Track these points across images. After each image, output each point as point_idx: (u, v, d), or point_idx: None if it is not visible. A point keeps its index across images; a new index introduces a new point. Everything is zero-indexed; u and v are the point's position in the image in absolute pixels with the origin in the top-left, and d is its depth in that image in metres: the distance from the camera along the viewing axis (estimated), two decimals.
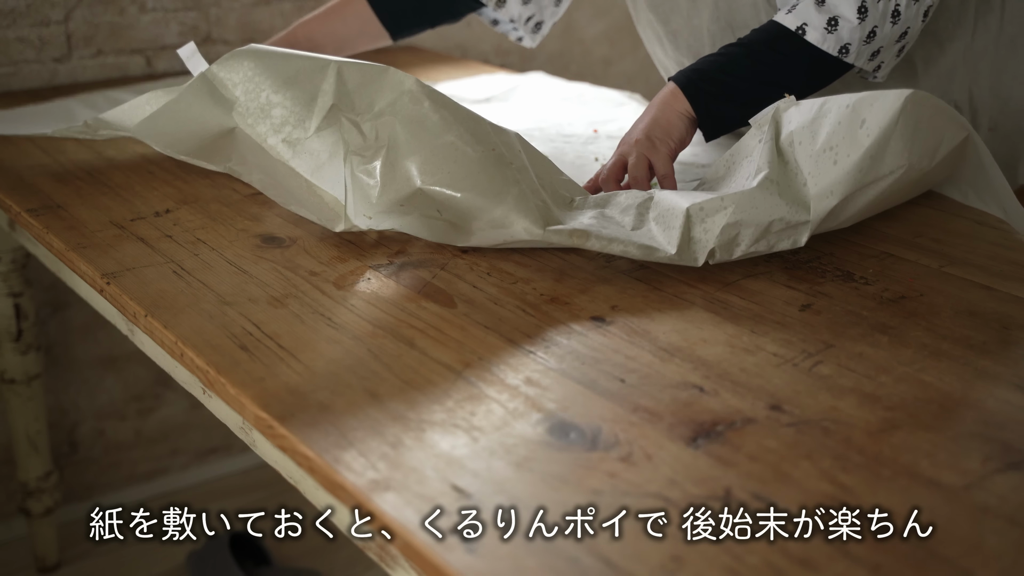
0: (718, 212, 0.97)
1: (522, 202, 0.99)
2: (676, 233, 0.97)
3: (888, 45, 1.16)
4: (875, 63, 1.18)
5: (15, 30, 1.70)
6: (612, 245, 0.97)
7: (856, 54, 1.15)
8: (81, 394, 1.90)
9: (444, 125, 1.01)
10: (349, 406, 0.79)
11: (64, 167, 1.31)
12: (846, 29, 1.13)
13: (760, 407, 0.79)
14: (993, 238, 1.12)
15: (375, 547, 0.73)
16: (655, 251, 0.97)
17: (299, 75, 1.01)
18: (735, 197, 0.97)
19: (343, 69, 1.01)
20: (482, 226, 1.01)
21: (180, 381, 0.98)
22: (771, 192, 0.98)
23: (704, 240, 0.97)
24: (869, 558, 0.64)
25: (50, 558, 1.79)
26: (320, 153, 1.02)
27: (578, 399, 0.80)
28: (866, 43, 1.14)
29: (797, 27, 1.14)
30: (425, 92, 1.02)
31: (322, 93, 1.01)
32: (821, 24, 1.13)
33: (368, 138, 1.02)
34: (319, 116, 1.01)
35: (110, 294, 0.99)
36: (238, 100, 1.02)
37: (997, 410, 0.79)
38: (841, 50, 1.14)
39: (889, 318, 0.93)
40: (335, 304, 0.95)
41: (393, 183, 1.02)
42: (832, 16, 1.12)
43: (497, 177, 1.00)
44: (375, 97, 1.02)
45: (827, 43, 1.14)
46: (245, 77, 1.02)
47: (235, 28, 1.89)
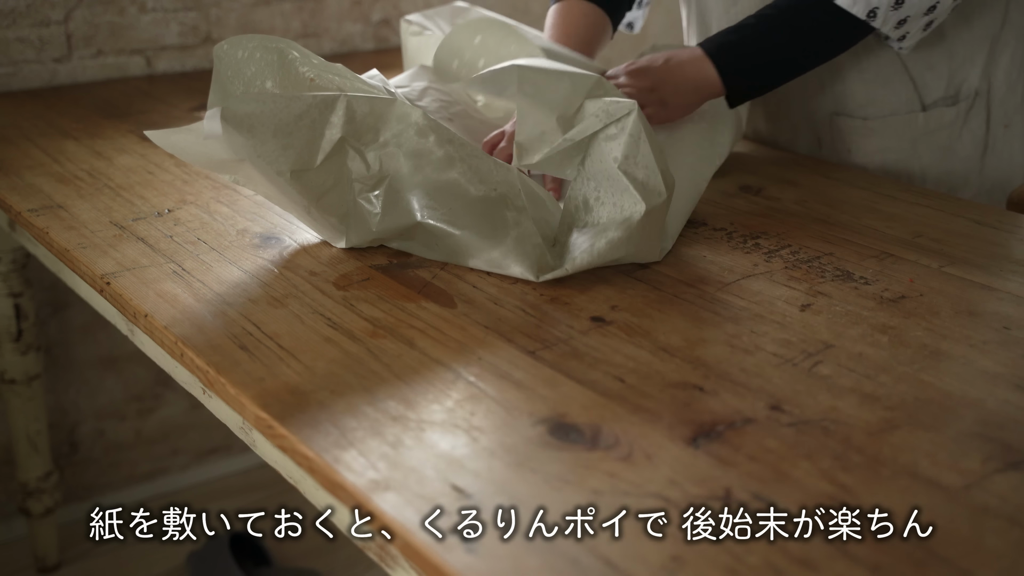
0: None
1: (519, 246, 1.00)
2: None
3: (916, 16, 1.17)
4: (901, 31, 1.19)
5: (15, 30, 1.70)
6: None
7: (883, 19, 1.16)
8: (81, 394, 1.90)
9: (448, 161, 1.01)
10: (349, 406, 0.79)
11: (64, 167, 1.31)
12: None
13: (760, 407, 0.79)
14: (993, 238, 1.12)
15: (375, 547, 0.73)
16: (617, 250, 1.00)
17: (309, 111, 1.00)
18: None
19: (352, 102, 1.01)
20: (479, 263, 1.02)
21: (180, 381, 0.98)
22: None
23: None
24: (869, 558, 0.64)
25: (50, 558, 1.79)
26: (324, 182, 1.02)
27: (578, 399, 0.80)
28: (894, 9, 1.15)
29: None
30: (431, 126, 1.02)
31: (330, 126, 1.01)
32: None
33: (372, 168, 1.03)
34: (326, 149, 1.01)
35: (110, 294, 0.99)
36: (249, 144, 1.00)
37: (997, 410, 0.79)
38: (869, 13, 1.15)
39: (889, 318, 0.93)
40: (335, 304, 0.95)
41: (394, 213, 1.02)
42: None
43: (497, 219, 1.01)
44: (381, 128, 1.02)
45: (856, 7, 1.15)
46: (257, 121, 0.99)
47: (235, 28, 1.89)
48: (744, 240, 1.10)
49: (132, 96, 1.67)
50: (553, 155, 1.04)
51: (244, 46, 1.05)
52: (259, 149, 0.97)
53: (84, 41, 1.76)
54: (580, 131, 1.02)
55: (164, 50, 1.83)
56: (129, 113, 1.56)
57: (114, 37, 1.78)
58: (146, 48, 1.82)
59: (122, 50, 1.80)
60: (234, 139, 0.95)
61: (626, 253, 1.00)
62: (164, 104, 1.62)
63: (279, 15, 1.93)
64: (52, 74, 1.74)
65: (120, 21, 1.78)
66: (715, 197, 1.23)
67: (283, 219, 1.13)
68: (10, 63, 1.71)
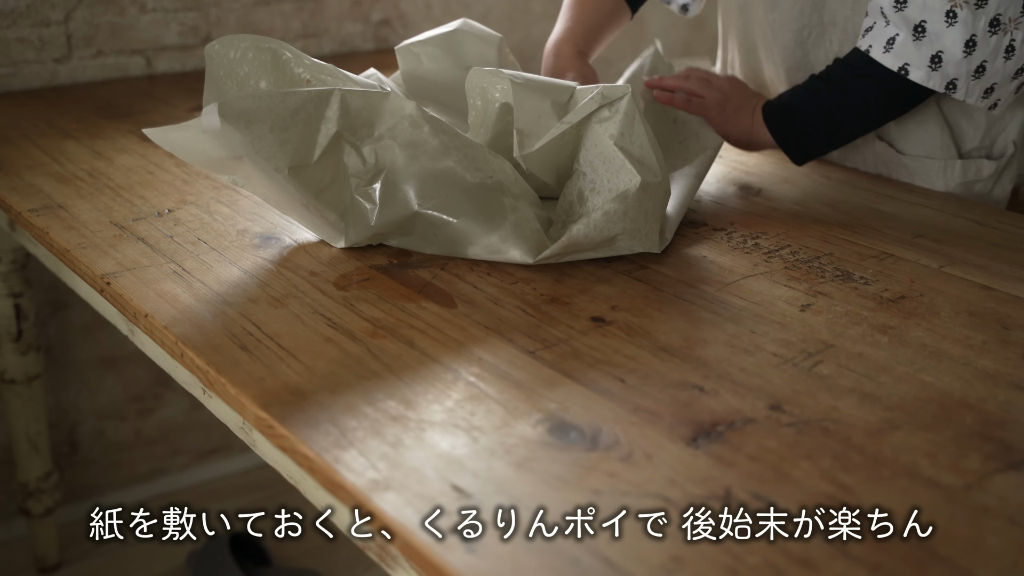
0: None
1: (517, 231, 1.01)
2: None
3: (1003, 82, 1.12)
4: (990, 101, 1.14)
5: (15, 30, 1.70)
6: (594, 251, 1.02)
7: (965, 90, 1.11)
8: (81, 394, 1.90)
9: (443, 150, 1.02)
10: (349, 406, 0.79)
11: (64, 167, 1.31)
12: (951, 64, 1.09)
13: (760, 407, 0.79)
14: (993, 238, 1.12)
15: (375, 547, 0.73)
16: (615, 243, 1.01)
17: (305, 105, 1.00)
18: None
19: (346, 96, 1.01)
20: (478, 251, 1.02)
21: (180, 381, 0.98)
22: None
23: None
24: (869, 558, 0.64)
25: (50, 558, 1.79)
26: (322, 178, 1.02)
27: (578, 399, 0.80)
28: (975, 78, 1.10)
29: (899, 68, 1.12)
30: (425, 118, 1.02)
31: (326, 121, 1.01)
32: (924, 63, 1.10)
33: (368, 162, 1.03)
34: (323, 144, 1.01)
35: (110, 294, 0.99)
36: (247, 140, 0.99)
37: (997, 410, 0.79)
38: (948, 86, 1.11)
39: (889, 318, 0.93)
40: (335, 304, 0.95)
41: (391, 205, 1.03)
42: (935, 52, 1.09)
43: (494, 205, 1.01)
44: (376, 121, 1.03)
45: (932, 81, 1.11)
46: (254, 117, 0.99)
47: (235, 28, 1.89)
48: (744, 240, 1.10)
49: (132, 96, 1.67)
50: (551, 141, 1.04)
51: (236, 46, 1.05)
52: (256, 145, 0.97)
53: (84, 41, 1.76)
54: (576, 113, 1.03)
55: (164, 50, 1.83)
56: (129, 113, 1.56)
57: (114, 37, 1.78)
58: (146, 48, 1.82)
59: (122, 50, 1.80)
60: (231, 136, 0.95)
61: (623, 230, 1.00)
62: (164, 104, 1.62)
63: (279, 15, 1.93)
64: (52, 74, 1.74)
65: (120, 21, 1.78)
66: (715, 197, 1.23)
67: (283, 219, 1.13)
68: (10, 63, 1.70)
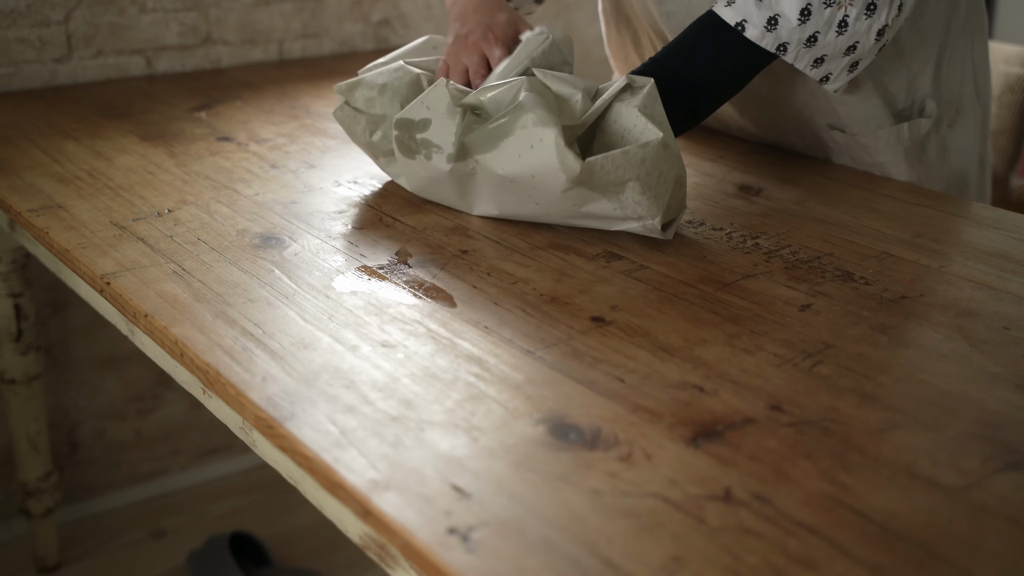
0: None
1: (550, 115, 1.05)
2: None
3: (834, 55, 1.14)
4: (821, 72, 1.16)
5: (15, 30, 1.70)
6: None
7: (795, 55, 1.14)
8: (81, 394, 1.90)
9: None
10: (349, 406, 0.79)
11: (64, 167, 1.31)
12: (785, 28, 1.12)
13: (760, 407, 0.79)
14: (993, 238, 1.12)
15: (375, 547, 0.73)
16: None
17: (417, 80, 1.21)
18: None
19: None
20: (509, 153, 1.05)
21: (180, 381, 0.98)
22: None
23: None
24: (869, 558, 0.64)
25: (50, 558, 1.79)
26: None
27: (578, 399, 0.80)
28: (806, 47, 1.13)
29: (737, 23, 1.13)
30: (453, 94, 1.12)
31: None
32: (761, 22, 1.12)
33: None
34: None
35: (110, 294, 0.99)
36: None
37: (997, 410, 0.79)
38: (780, 47, 1.13)
39: (889, 318, 0.93)
40: (335, 304, 0.95)
41: None
42: (772, 15, 1.12)
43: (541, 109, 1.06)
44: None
45: (765, 40, 1.13)
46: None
47: (235, 28, 1.89)
48: (744, 240, 1.10)
49: (132, 96, 1.67)
50: (586, 121, 1.08)
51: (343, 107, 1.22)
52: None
53: (84, 41, 1.76)
54: (605, 99, 1.07)
55: (164, 50, 1.83)
56: (129, 113, 1.56)
57: (114, 37, 1.78)
58: (146, 48, 1.82)
59: (122, 50, 1.80)
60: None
61: (636, 176, 1.01)
62: (164, 104, 1.62)
63: (279, 15, 1.93)
64: (52, 74, 1.74)
65: (120, 21, 1.78)
66: (715, 197, 1.23)
67: (283, 219, 1.14)
68: (10, 63, 1.71)
